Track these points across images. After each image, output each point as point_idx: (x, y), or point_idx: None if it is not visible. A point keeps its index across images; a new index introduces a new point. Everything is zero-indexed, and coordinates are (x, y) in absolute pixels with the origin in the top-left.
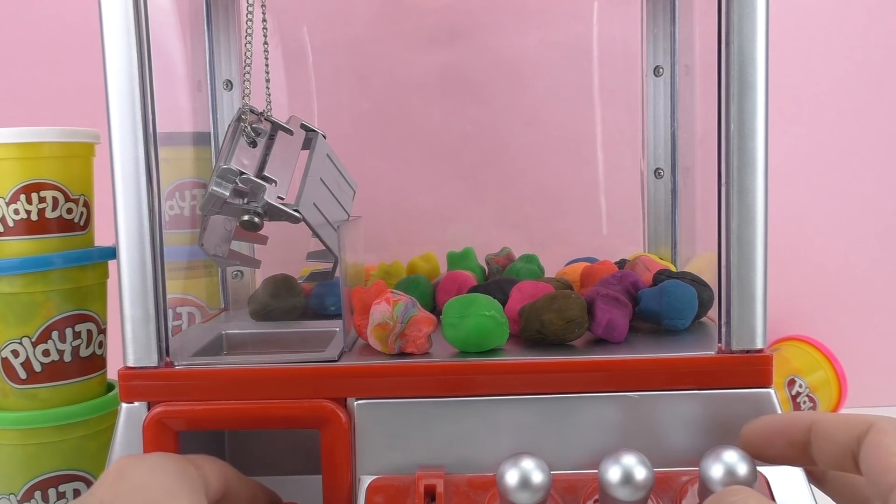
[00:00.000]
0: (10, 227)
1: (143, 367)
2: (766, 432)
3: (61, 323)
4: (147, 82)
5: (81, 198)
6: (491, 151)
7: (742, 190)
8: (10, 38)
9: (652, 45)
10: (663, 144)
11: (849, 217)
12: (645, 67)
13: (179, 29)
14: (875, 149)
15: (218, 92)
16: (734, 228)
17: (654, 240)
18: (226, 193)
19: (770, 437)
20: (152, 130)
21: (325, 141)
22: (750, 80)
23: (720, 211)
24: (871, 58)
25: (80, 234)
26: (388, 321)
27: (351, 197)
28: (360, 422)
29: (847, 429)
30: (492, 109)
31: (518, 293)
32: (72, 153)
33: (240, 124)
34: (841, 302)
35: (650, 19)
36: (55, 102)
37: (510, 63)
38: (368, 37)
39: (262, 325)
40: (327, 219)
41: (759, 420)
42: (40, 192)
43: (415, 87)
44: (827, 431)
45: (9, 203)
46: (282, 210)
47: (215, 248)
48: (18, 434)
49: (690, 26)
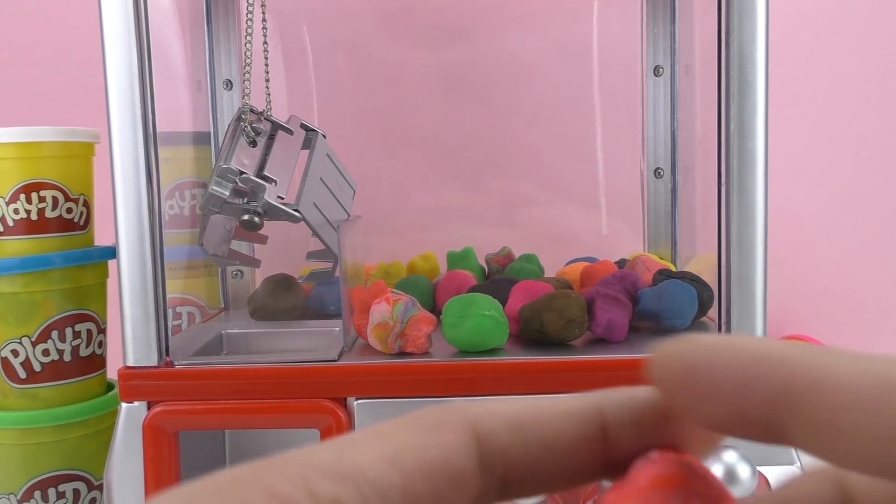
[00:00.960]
0: (9, 226)
1: (143, 367)
2: (695, 376)
3: (61, 322)
4: (147, 82)
5: (81, 197)
6: (491, 151)
7: (742, 190)
8: (10, 39)
9: (652, 45)
10: (663, 144)
11: (848, 217)
12: (645, 67)
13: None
14: (875, 149)
15: (218, 92)
16: (734, 228)
17: (654, 240)
18: (226, 193)
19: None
20: (152, 130)
21: (325, 140)
22: (750, 80)
23: (720, 211)
24: (871, 58)
25: (79, 234)
26: (388, 321)
27: (351, 197)
28: (360, 422)
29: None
30: (492, 109)
31: (518, 293)
32: (72, 153)
33: (240, 124)
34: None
35: (650, 19)
36: (55, 102)
37: (510, 63)
38: (368, 37)
39: (262, 324)
40: (327, 218)
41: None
42: (40, 191)
43: (415, 87)
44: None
45: (9, 203)
46: (282, 210)
47: (215, 248)
48: (18, 434)
49: (690, 26)
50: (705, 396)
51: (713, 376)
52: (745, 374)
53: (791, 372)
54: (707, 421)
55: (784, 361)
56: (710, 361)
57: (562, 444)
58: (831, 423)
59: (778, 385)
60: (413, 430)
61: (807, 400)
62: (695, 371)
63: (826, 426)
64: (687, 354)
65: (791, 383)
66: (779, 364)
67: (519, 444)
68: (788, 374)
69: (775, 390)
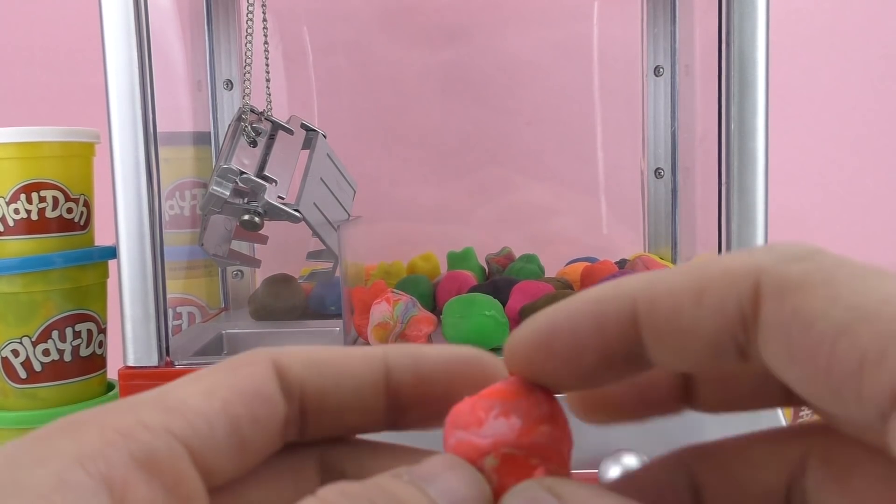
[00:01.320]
0: (10, 226)
1: (143, 367)
2: (547, 339)
3: (61, 322)
4: (147, 82)
5: (81, 197)
6: (491, 151)
7: (742, 190)
8: (10, 39)
9: (652, 45)
10: (663, 144)
11: (849, 217)
12: (645, 67)
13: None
14: (875, 149)
15: (218, 92)
16: (734, 228)
17: (654, 240)
18: (226, 193)
19: (552, 346)
20: (152, 130)
21: (325, 140)
22: (750, 80)
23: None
24: (871, 58)
25: (80, 234)
26: (388, 321)
27: (351, 197)
28: None
29: (718, 292)
30: (492, 109)
31: (518, 293)
32: (72, 153)
33: (240, 124)
34: None
35: (650, 19)
36: (55, 102)
37: (510, 63)
38: (368, 37)
39: (262, 324)
40: (327, 218)
41: (529, 323)
42: (40, 191)
43: (415, 87)
44: (675, 305)
45: (9, 202)
46: (282, 209)
47: (215, 248)
48: (19, 434)
49: (690, 26)
50: (563, 352)
51: (572, 330)
52: (595, 316)
53: (628, 293)
54: (575, 372)
55: (624, 294)
56: (561, 322)
57: (350, 382)
58: (671, 331)
59: (627, 310)
60: (223, 369)
61: (646, 316)
62: (552, 334)
63: (666, 332)
64: (537, 326)
65: (632, 305)
66: (622, 297)
67: (315, 376)
68: (627, 297)
69: (625, 313)
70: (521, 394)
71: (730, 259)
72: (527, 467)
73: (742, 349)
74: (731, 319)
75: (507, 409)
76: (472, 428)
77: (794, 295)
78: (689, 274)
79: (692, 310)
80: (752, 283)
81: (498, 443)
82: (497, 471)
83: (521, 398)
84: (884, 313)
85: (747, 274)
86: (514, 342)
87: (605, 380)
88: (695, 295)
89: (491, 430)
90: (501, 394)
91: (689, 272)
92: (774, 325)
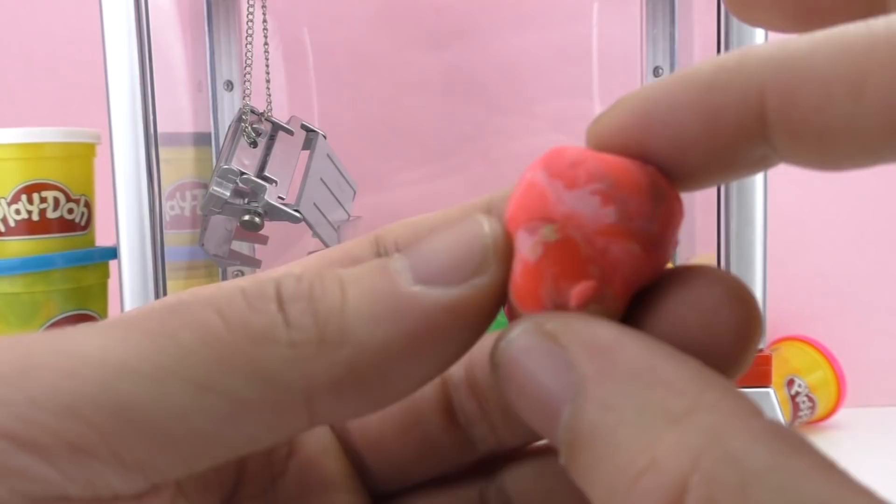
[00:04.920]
0: (11, 227)
1: None
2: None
3: (62, 323)
4: (148, 83)
5: (82, 198)
6: (491, 151)
7: (742, 190)
8: (10, 39)
9: (652, 45)
10: None
11: (849, 217)
12: (645, 68)
13: (180, 30)
14: None
15: (218, 92)
16: (734, 228)
17: None
18: (226, 193)
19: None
20: (153, 131)
21: (325, 141)
22: None
23: (720, 211)
24: None
25: (80, 234)
26: None
27: (351, 197)
28: None
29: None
30: (492, 109)
31: None
32: (73, 153)
33: (240, 125)
34: (840, 302)
35: (650, 20)
36: (56, 103)
37: (510, 63)
38: (368, 37)
39: None
40: (327, 219)
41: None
42: (41, 192)
43: (415, 88)
44: (823, 96)
45: (10, 203)
46: (282, 210)
47: (216, 249)
48: None
49: (690, 27)
50: (661, 153)
51: (671, 107)
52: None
53: (760, 85)
54: (677, 147)
55: (746, 82)
56: (661, 97)
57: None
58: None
59: (753, 102)
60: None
61: (787, 84)
62: (650, 110)
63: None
64: (633, 102)
65: (762, 99)
66: (743, 85)
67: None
68: (757, 88)
69: (750, 107)
70: (641, 193)
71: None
72: (575, 271)
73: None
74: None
75: (613, 195)
76: (560, 181)
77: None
78: (840, 51)
79: (849, 106)
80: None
81: (572, 220)
82: (544, 247)
83: (638, 197)
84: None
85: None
86: (602, 128)
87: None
88: (852, 86)
89: (578, 201)
90: (620, 175)
91: (838, 45)
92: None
